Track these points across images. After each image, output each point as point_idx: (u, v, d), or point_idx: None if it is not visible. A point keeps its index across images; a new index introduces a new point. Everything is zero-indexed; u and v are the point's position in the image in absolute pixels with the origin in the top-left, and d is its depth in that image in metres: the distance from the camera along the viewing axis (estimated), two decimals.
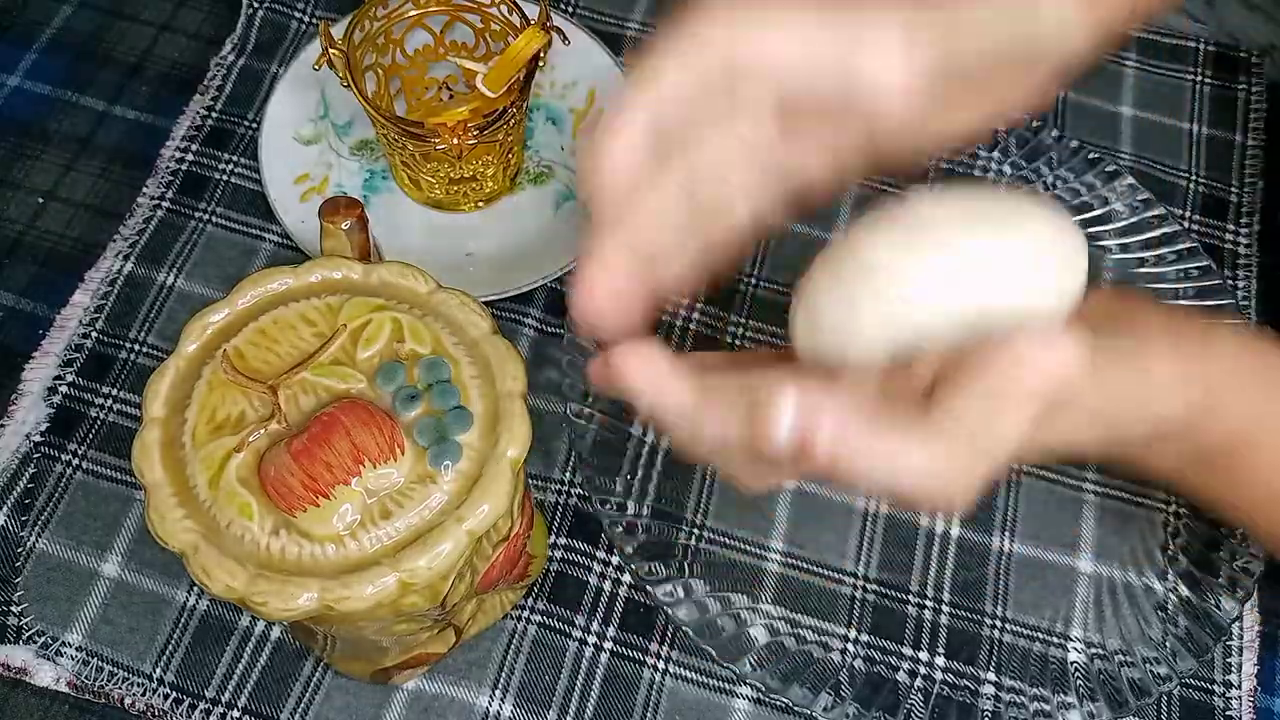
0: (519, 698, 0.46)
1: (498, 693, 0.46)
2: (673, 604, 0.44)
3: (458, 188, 0.55)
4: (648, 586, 0.44)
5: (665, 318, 0.54)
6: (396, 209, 0.56)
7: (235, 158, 0.57)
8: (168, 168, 0.57)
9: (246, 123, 0.58)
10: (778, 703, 0.45)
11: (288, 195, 0.55)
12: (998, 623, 0.48)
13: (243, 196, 0.56)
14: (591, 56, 0.59)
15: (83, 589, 0.47)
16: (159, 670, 0.46)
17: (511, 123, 0.52)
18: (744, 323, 0.54)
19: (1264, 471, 0.36)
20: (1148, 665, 0.44)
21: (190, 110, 0.58)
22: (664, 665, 0.47)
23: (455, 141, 0.50)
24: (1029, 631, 0.47)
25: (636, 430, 0.51)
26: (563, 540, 0.49)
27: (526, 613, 0.47)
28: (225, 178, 0.56)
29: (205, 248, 0.55)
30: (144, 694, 0.45)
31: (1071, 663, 0.47)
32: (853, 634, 0.47)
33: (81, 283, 0.54)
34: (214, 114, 0.58)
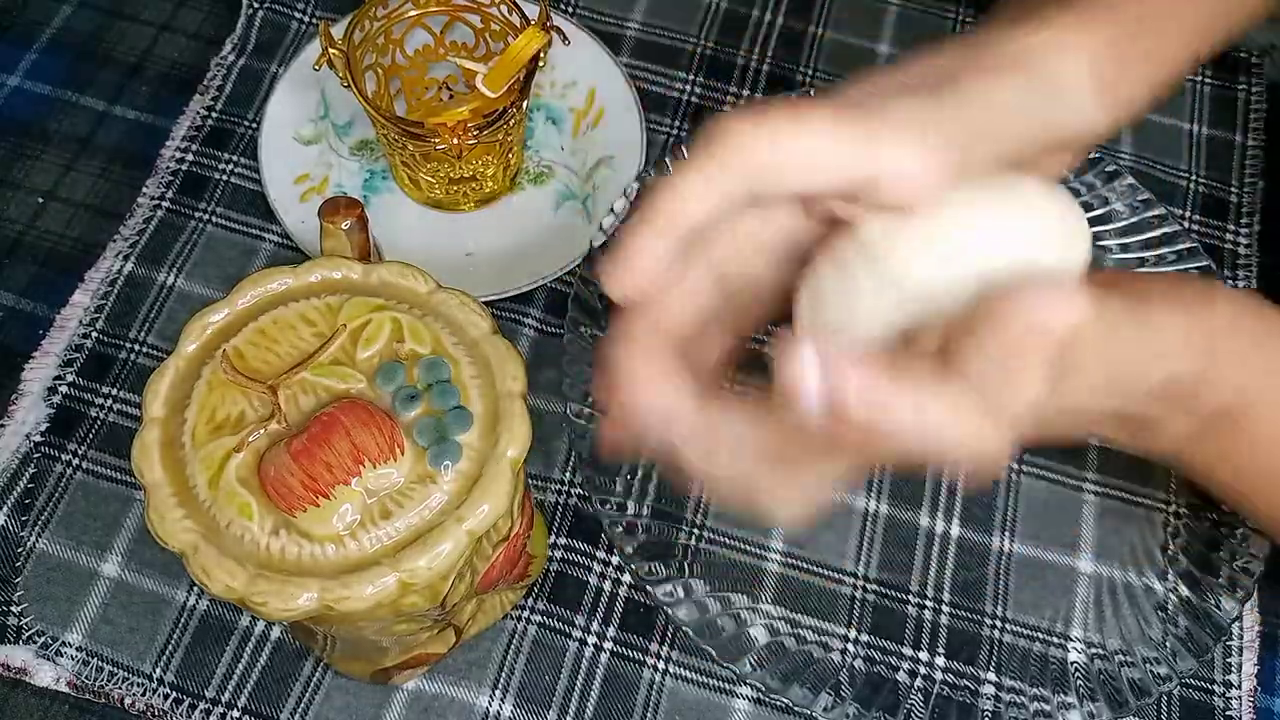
0: (519, 698, 0.46)
1: (498, 693, 0.46)
2: (673, 604, 0.44)
3: (458, 188, 0.55)
4: (648, 586, 0.44)
5: None
6: (396, 209, 0.56)
7: (235, 158, 0.57)
8: (168, 168, 0.57)
9: (246, 123, 0.58)
10: (778, 703, 0.45)
11: (288, 195, 0.55)
12: (998, 623, 0.48)
13: (243, 196, 0.56)
14: (591, 56, 0.59)
15: (83, 589, 0.47)
16: (159, 670, 0.46)
17: (511, 123, 0.52)
18: None
19: (1263, 444, 0.35)
20: (1148, 665, 0.44)
21: (190, 110, 0.58)
22: (664, 665, 0.47)
23: (455, 141, 0.50)
24: (1029, 631, 0.47)
25: None
26: (563, 540, 0.49)
27: (526, 613, 0.47)
28: (225, 178, 0.56)
29: (205, 248, 0.55)
30: (144, 694, 0.45)
31: (1071, 663, 0.47)
32: (853, 634, 0.47)
33: (81, 283, 0.54)
34: (214, 114, 0.58)
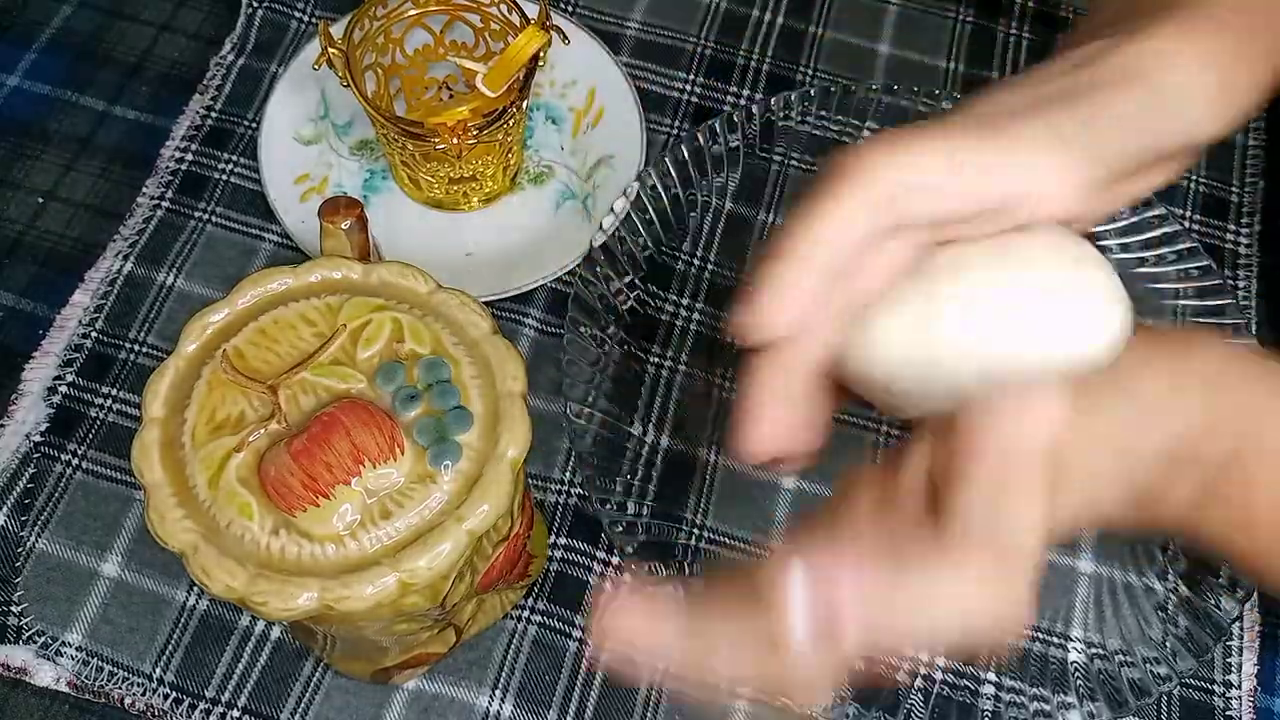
0: (519, 697, 0.46)
1: (498, 693, 0.46)
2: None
3: (458, 187, 0.55)
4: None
5: (665, 318, 0.54)
6: (396, 209, 0.56)
7: (235, 158, 0.57)
8: (167, 168, 0.57)
9: (246, 123, 0.58)
10: (777, 702, 0.45)
11: (287, 195, 0.55)
12: None
13: (242, 196, 0.56)
14: (591, 56, 0.59)
15: (83, 589, 0.47)
16: (159, 670, 0.46)
17: (511, 122, 0.52)
18: None
19: (1274, 489, 0.34)
20: (1148, 665, 0.44)
21: (190, 110, 0.58)
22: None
23: (455, 141, 0.50)
24: (1029, 631, 0.47)
25: (636, 430, 0.51)
26: (563, 540, 0.49)
27: (527, 613, 0.47)
28: (225, 178, 0.56)
29: (205, 248, 0.55)
30: (144, 694, 0.45)
31: (1071, 663, 0.47)
32: None
33: (81, 283, 0.54)
34: (214, 114, 0.58)
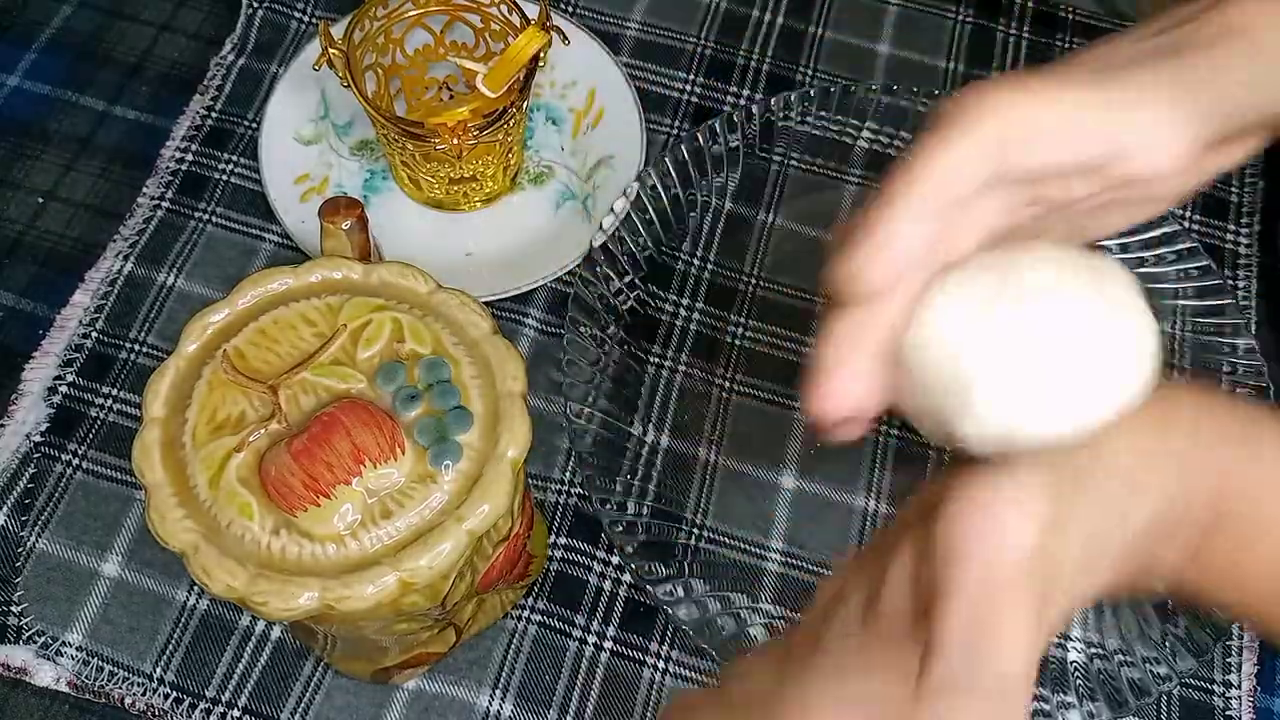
0: (519, 697, 0.46)
1: (498, 692, 0.46)
2: (673, 603, 0.44)
3: (458, 188, 0.55)
4: (648, 586, 0.44)
5: (665, 318, 0.54)
6: (397, 209, 0.56)
7: (235, 158, 0.57)
8: (168, 168, 0.57)
9: (246, 123, 0.58)
10: None
11: (288, 195, 0.55)
12: None
13: (243, 196, 0.56)
14: (591, 56, 0.59)
15: (83, 589, 0.47)
16: (159, 670, 0.46)
17: (511, 123, 0.52)
18: (744, 322, 0.54)
19: (1259, 538, 0.33)
20: (1147, 665, 0.44)
21: (190, 110, 0.58)
22: (664, 665, 0.47)
23: (455, 141, 0.50)
24: None
25: (636, 430, 0.51)
26: (563, 540, 0.49)
27: (527, 612, 0.47)
28: (225, 178, 0.56)
29: (205, 248, 0.55)
30: (144, 694, 0.45)
31: (1071, 662, 0.47)
32: None
33: (81, 283, 0.54)
34: (214, 114, 0.58)
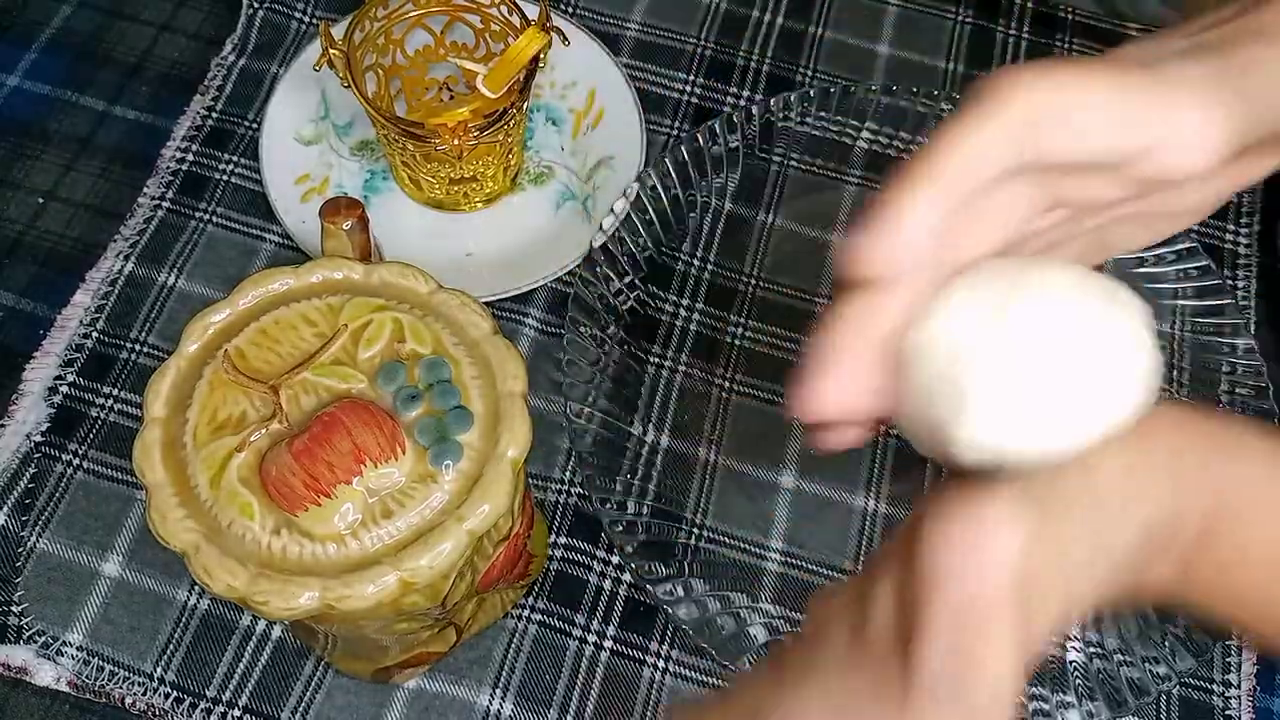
0: (519, 696, 0.46)
1: (498, 691, 0.46)
2: (673, 603, 0.44)
3: (458, 188, 0.55)
4: (648, 586, 0.44)
5: (665, 318, 0.54)
6: (397, 209, 0.56)
7: (235, 158, 0.57)
8: (168, 168, 0.57)
9: (247, 123, 0.58)
10: None
11: (288, 195, 0.55)
12: None
13: (243, 197, 0.56)
14: (591, 57, 0.59)
15: (83, 589, 0.47)
16: (160, 670, 0.46)
17: (511, 123, 0.52)
18: (744, 323, 0.54)
19: (1254, 549, 0.33)
20: (1147, 665, 0.44)
21: (190, 110, 0.58)
22: (664, 664, 0.47)
23: (455, 142, 0.50)
24: None
25: (636, 430, 0.51)
26: (563, 540, 0.49)
27: (527, 612, 0.47)
28: (225, 178, 0.56)
29: (206, 248, 0.55)
30: (145, 693, 0.45)
31: (1070, 662, 0.47)
32: None
33: (82, 283, 0.54)
34: (214, 114, 0.58)
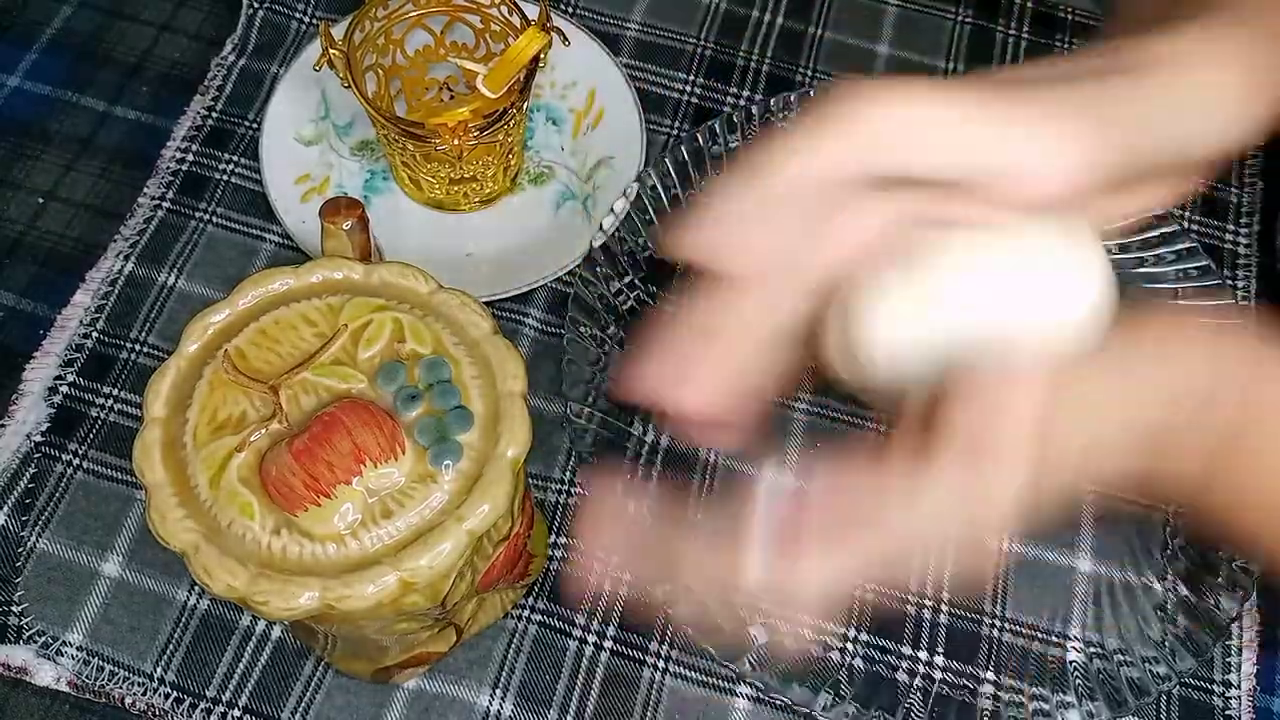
0: (519, 697, 0.46)
1: (498, 692, 0.46)
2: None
3: (458, 188, 0.55)
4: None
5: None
6: (397, 209, 0.56)
7: (236, 158, 0.57)
8: (168, 168, 0.57)
9: (247, 123, 0.58)
10: (777, 702, 0.46)
11: (288, 195, 0.55)
12: (997, 622, 0.48)
13: (243, 197, 0.56)
14: (591, 57, 0.59)
15: (83, 589, 0.47)
16: (160, 670, 0.46)
17: (511, 123, 0.52)
18: None
19: (1270, 473, 0.34)
20: (1147, 665, 0.44)
21: (191, 110, 0.58)
22: (664, 664, 0.47)
23: (455, 142, 0.50)
24: (1028, 631, 0.48)
25: (636, 430, 0.51)
26: (563, 540, 0.49)
27: (527, 612, 0.47)
28: (226, 178, 0.56)
29: (206, 248, 0.55)
30: (145, 693, 0.45)
31: (1070, 662, 0.47)
32: (852, 633, 0.47)
33: (82, 283, 0.54)
34: (214, 114, 0.58)
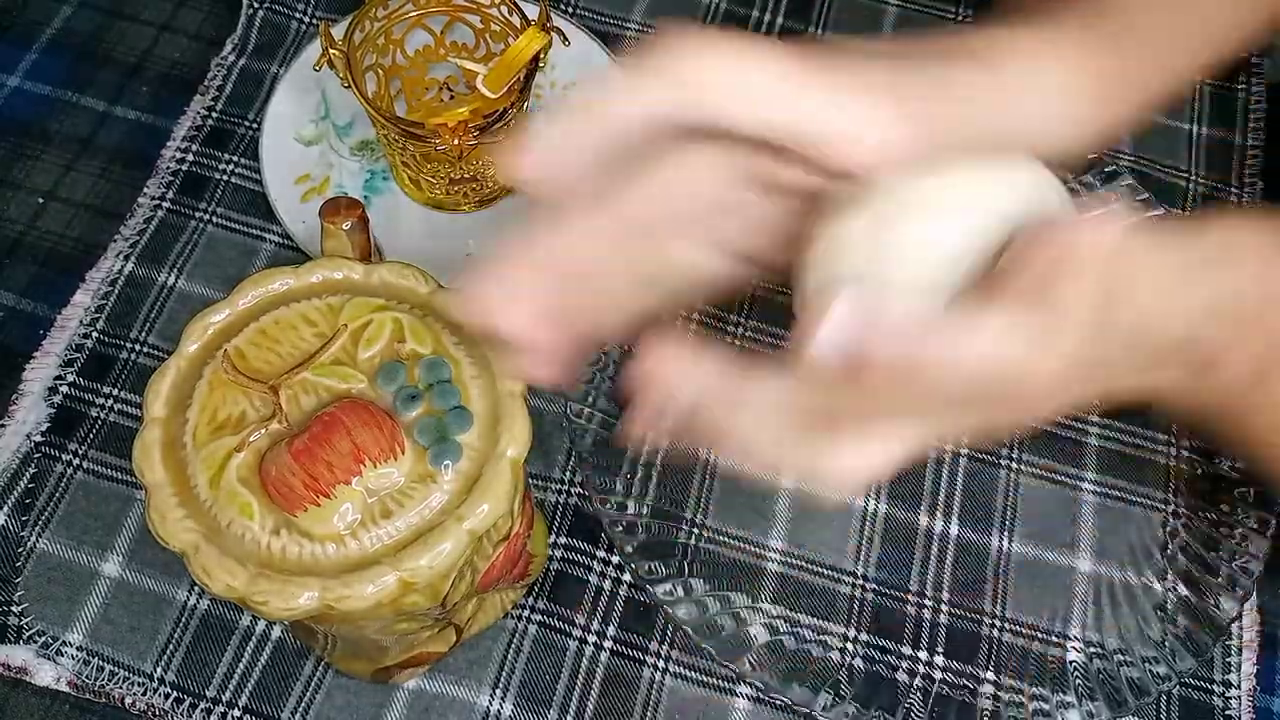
0: (519, 697, 0.46)
1: (498, 692, 0.46)
2: (672, 603, 0.44)
3: (458, 188, 0.55)
4: (648, 586, 0.44)
5: (665, 318, 0.54)
6: (397, 209, 0.56)
7: (235, 158, 0.57)
8: (168, 168, 0.57)
9: (247, 123, 0.58)
10: (777, 702, 0.46)
11: (288, 196, 0.55)
12: (997, 622, 0.48)
13: (243, 197, 0.56)
14: (591, 57, 0.59)
15: (83, 589, 0.47)
16: (160, 670, 0.46)
17: (511, 123, 0.52)
18: (743, 322, 0.54)
19: None
20: (1147, 665, 0.44)
21: (191, 110, 0.58)
22: (664, 664, 0.47)
23: (455, 142, 0.50)
24: (1028, 631, 0.48)
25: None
26: (563, 540, 0.49)
27: (527, 612, 0.47)
28: (226, 178, 0.56)
29: (206, 248, 0.55)
30: (145, 693, 0.45)
31: (1070, 662, 0.47)
32: (852, 633, 0.47)
33: (82, 283, 0.54)
34: (214, 114, 0.58)
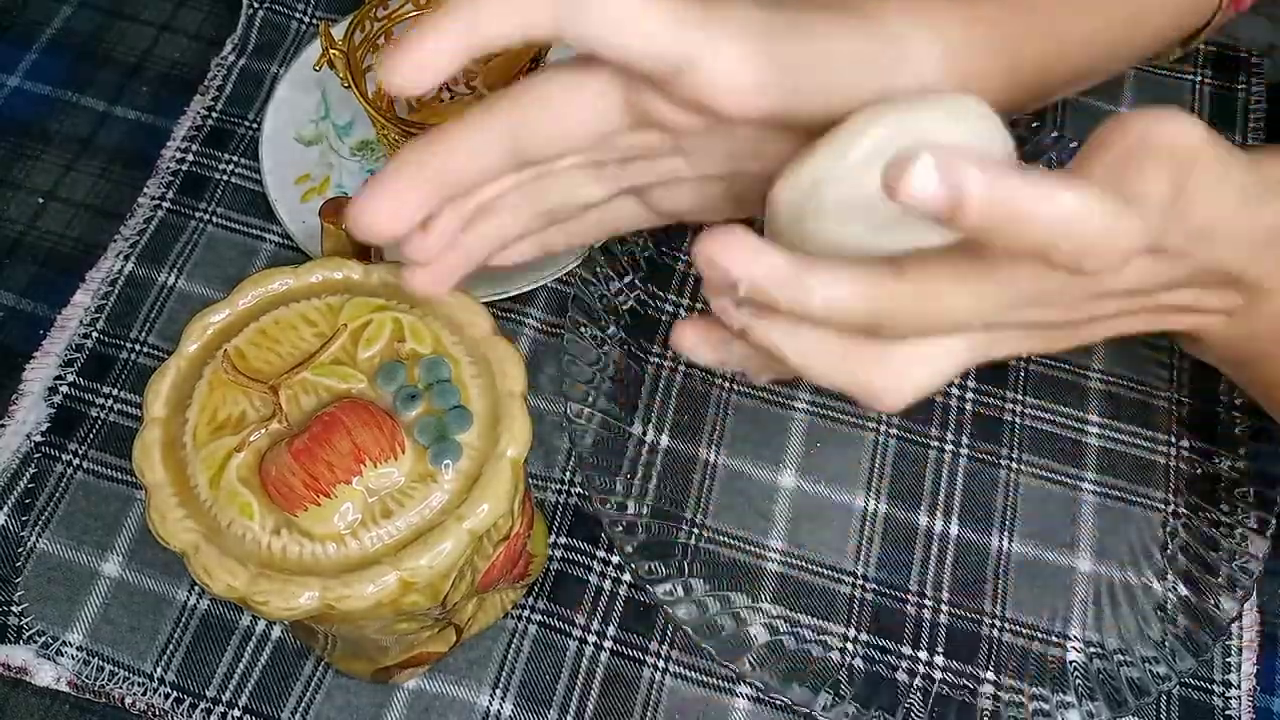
0: (519, 697, 0.46)
1: (498, 692, 0.46)
2: (672, 603, 0.44)
3: None
4: (648, 586, 0.44)
5: (665, 318, 0.54)
6: None
7: (235, 158, 0.57)
8: (168, 168, 0.57)
9: (247, 123, 0.58)
10: (777, 702, 0.46)
11: (288, 196, 0.55)
12: (997, 622, 0.48)
13: (243, 197, 0.56)
14: None
15: (83, 589, 0.47)
16: (160, 670, 0.46)
17: None
18: None
19: None
20: (1147, 665, 0.44)
21: (191, 110, 0.58)
22: (664, 664, 0.47)
23: None
24: (1028, 631, 0.48)
25: (636, 430, 0.51)
26: (563, 540, 0.49)
27: (527, 612, 0.47)
28: (225, 178, 0.56)
29: (206, 248, 0.55)
30: (145, 693, 0.45)
31: (1070, 662, 0.47)
32: (852, 633, 0.47)
33: (82, 283, 0.54)
34: (214, 114, 0.58)
